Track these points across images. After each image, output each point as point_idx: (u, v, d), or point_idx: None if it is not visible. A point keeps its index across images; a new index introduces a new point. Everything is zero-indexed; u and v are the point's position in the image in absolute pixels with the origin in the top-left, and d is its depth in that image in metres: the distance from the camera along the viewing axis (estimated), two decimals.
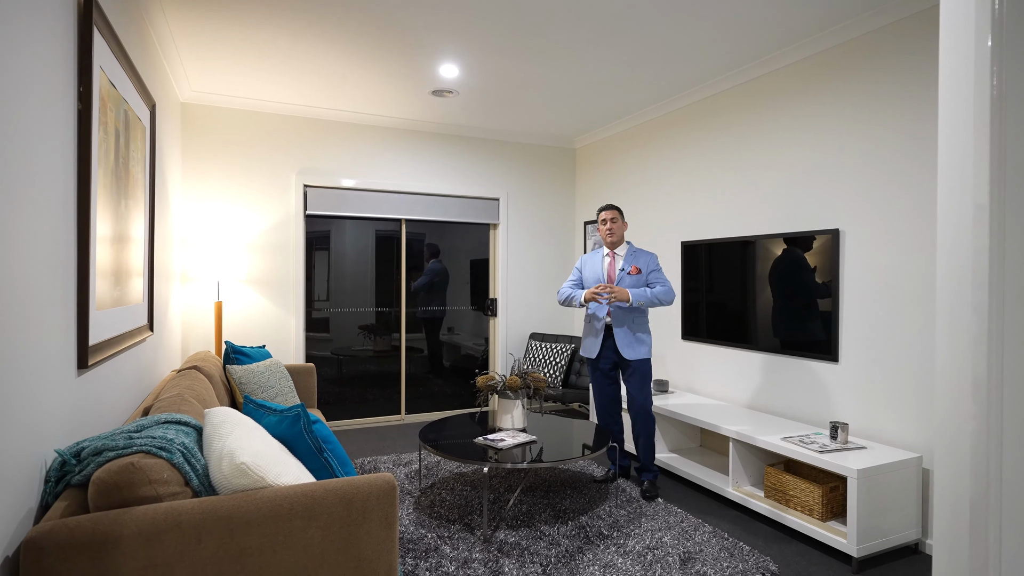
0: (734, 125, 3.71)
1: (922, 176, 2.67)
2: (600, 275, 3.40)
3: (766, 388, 3.46)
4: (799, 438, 2.84)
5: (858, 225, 2.94)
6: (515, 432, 3.11)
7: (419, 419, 5.01)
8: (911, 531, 2.58)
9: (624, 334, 3.28)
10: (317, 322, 4.71)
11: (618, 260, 3.39)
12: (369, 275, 4.88)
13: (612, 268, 3.39)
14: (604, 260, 3.43)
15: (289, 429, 1.82)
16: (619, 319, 3.29)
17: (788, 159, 3.33)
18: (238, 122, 4.26)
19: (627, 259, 3.37)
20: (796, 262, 3.24)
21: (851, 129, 2.98)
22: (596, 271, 3.43)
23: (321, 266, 4.72)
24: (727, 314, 3.73)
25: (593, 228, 5.23)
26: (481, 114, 4.58)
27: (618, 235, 3.38)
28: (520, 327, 5.29)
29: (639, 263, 3.33)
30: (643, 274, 3.31)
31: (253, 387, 3.05)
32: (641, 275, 3.31)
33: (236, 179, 4.26)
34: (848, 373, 2.98)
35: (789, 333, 3.30)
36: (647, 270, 3.32)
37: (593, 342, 3.39)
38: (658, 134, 4.39)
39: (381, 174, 4.72)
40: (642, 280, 3.31)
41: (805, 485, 2.70)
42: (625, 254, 3.39)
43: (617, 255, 3.41)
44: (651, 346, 3.36)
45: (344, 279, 4.80)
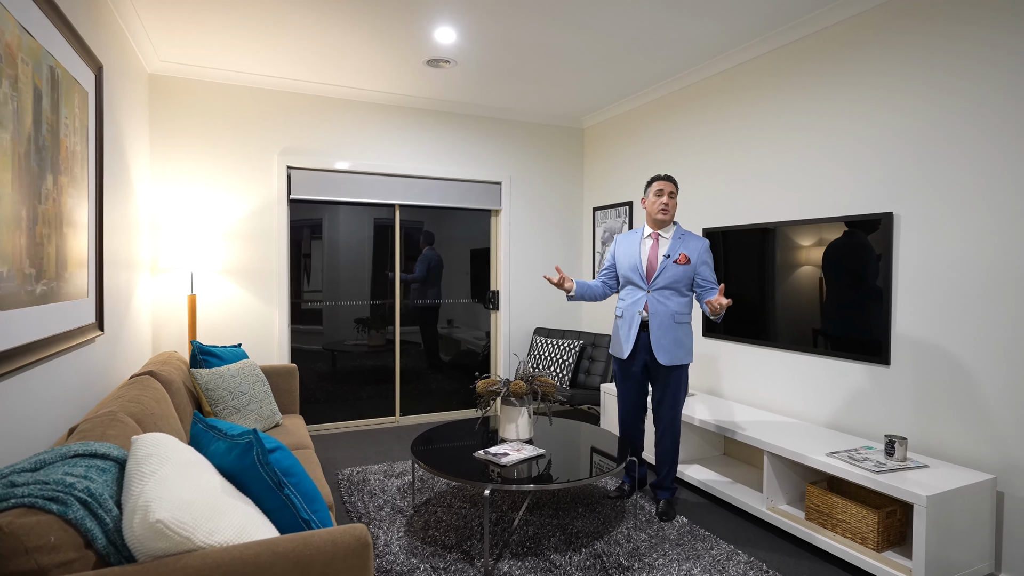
0: (763, 98, 3.30)
1: (992, 150, 2.27)
2: (638, 261, 2.85)
3: (801, 393, 3.08)
4: (848, 454, 2.46)
5: (915, 209, 2.55)
6: (520, 444, 2.74)
7: (415, 421, 4.65)
8: (984, 564, 2.21)
9: (662, 334, 2.76)
10: (308, 314, 4.34)
11: (662, 244, 2.83)
12: (365, 265, 4.50)
13: (654, 253, 2.83)
14: (645, 243, 2.88)
15: (239, 460, 1.44)
16: (658, 316, 2.77)
17: (828, 134, 2.93)
18: (212, 97, 3.86)
19: (674, 244, 2.80)
20: (844, 250, 2.85)
21: (905, 97, 2.58)
22: (633, 256, 2.87)
23: (315, 256, 4.34)
24: (755, 309, 3.34)
25: (602, 215, 4.84)
26: (481, 88, 4.17)
27: (672, 213, 2.82)
28: (524, 321, 4.91)
29: (688, 251, 2.78)
30: (692, 265, 2.77)
31: (222, 393, 2.68)
32: (690, 266, 2.77)
33: (212, 160, 3.86)
34: (901, 378, 2.60)
35: (830, 331, 2.91)
36: (697, 261, 2.77)
37: (626, 340, 2.89)
38: (675, 111, 3.98)
39: (373, 155, 4.32)
40: (690, 272, 2.78)
41: (856, 509, 2.33)
42: (672, 237, 2.83)
43: (663, 237, 2.85)
44: (692, 350, 2.83)
45: (338, 269, 4.42)
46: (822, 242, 2.94)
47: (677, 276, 2.78)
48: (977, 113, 2.33)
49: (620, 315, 2.95)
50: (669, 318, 2.77)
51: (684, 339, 2.80)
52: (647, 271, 2.84)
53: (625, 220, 4.55)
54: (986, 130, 2.30)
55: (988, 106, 2.29)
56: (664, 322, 2.77)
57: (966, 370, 2.37)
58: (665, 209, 2.80)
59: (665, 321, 2.77)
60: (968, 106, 2.36)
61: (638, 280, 2.86)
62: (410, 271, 4.65)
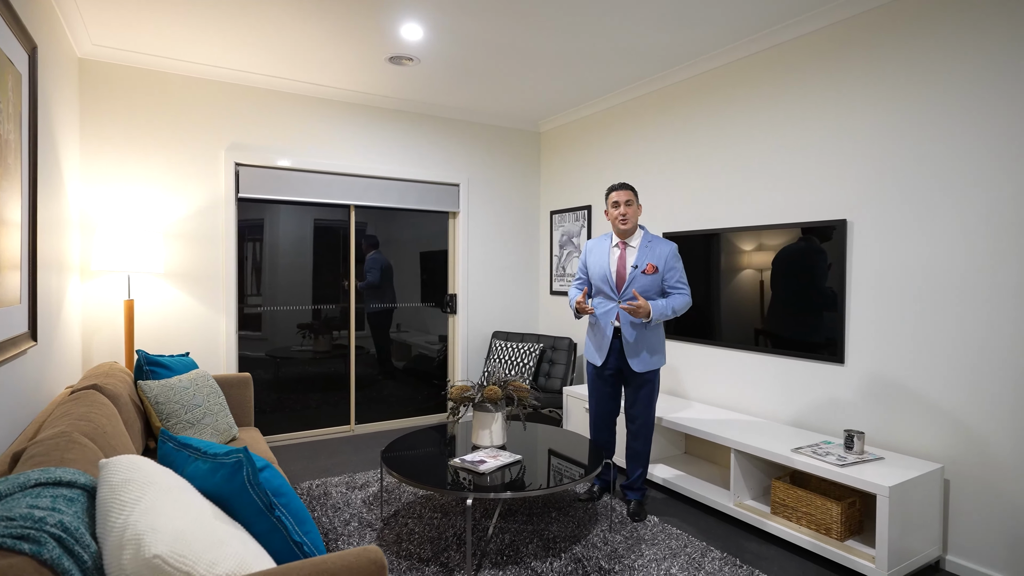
0: (722, 107, 3.43)
1: (943, 162, 2.45)
2: (607, 272, 2.84)
3: (761, 392, 3.21)
4: (811, 449, 2.58)
5: (868, 216, 2.72)
6: (495, 450, 2.70)
7: (371, 430, 4.50)
8: (933, 548, 2.37)
9: (635, 343, 2.78)
10: (248, 319, 4.10)
11: (630, 253, 2.83)
12: (306, 268, 4.30)
13: (623, 263, 2.83)
14: (613, 252, 2.88)
15: (227, 482, 1.32)
16: (629, 325, 2.80)
17: (786, 144, 3.08)
18: (152, 86, 3.58)
19: (641, 252, 2.80)
20: (800, 254, 2.99)
21: (858, 111, 2.74)
22: (602, 266, 2.86)
23: (255, 257, 4.10)
24: (717, 312, 3.46)
25: (560, 218, 4.87)
26: (442, 88, 4.09)
27: (632, 222, 2.81)
28: (482, 325, 4.86)
29: (655, 258, 2.78)
30: (660, 272, 2.78)
31: (174, 407, 2.48)
32: (658, 275, 2.78)
33: (151, 154, 3.58)
34: (856, 376, 2.76)
35: (788, 332, 3.05)
36: (664, 268, 2.78)
37: (599, 348, 2.90)
38: (633, 118, 4.06)
39: (328, 154, 4.15)
40: (658, 280, 2.78)
41: (820, 502, 2.45)
42: (639, 245, 2.83)
43: (629, 246, 2.85)
44: (665, 354, 2.92)
45: (279, 273, 4.19)
46: (781, 247, 3.08)
47: (646, 286, 2.79)
48: (927, 126, 2.51)
49: (593, 323, 2.96)
50: (641, 327, 2.79)
51: (657, 345, 2.83)
52: (616, 282, 2.84)
53: (583, 224, 4.60)
54: (935, 143, 2.48)
55: (937, 121, 2.47)
56: (636, 331, 2.79)
57: (915, 367, 2.54)
58: (624, 219, 2.81)
59: (637, 330, 2.79)
60: (918, 119, 2.53)
61: (608, 291, 2.87)
62: (360, 276, 4.49)
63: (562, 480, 2.38)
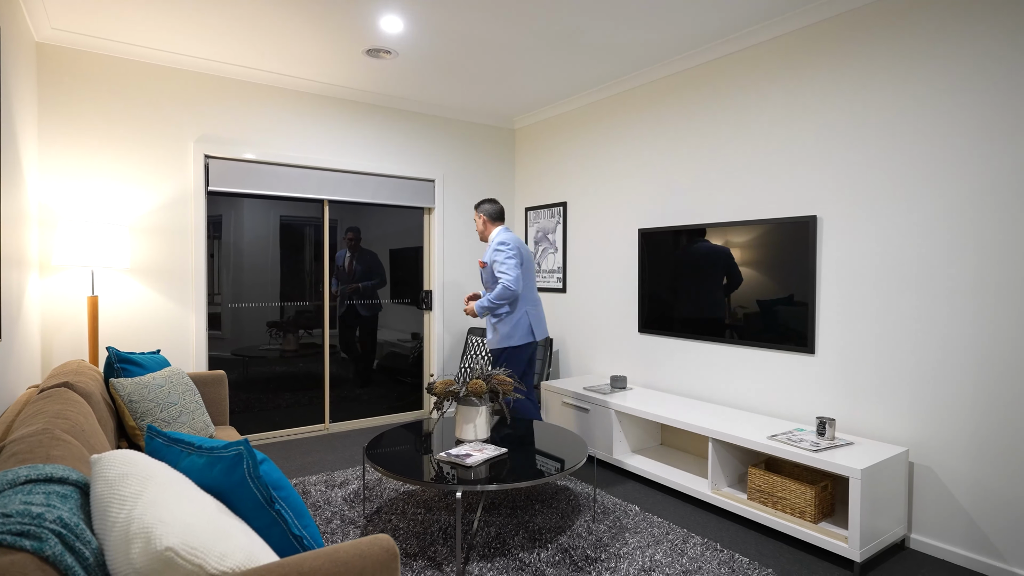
0: (696, 107, 3.52)
1: (906, 160, 2.58)
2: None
3: (734, 382, 3.31)
4: (785, 436, 2.68)
5: (836, 211, 2.83)
6: (480, 444, 2.70)
7: (346, 428, 4.43)
8: (899, 528, 2.50)
9: (487, 325, 3.44)
10: (211, 318, 3.98)
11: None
12: (273, 265, 4.20)
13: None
14: None
15: (226, 476, 1.30)
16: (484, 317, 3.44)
17: (759, 143, 3.18)
18: (118, 75, 3.43)
19: (486, 252, 3.41)
20: (772, 249, 3.10)
21: (830, 110, 2.86)
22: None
23: (218, 254, 3.99)
24: (690, 305, 3.55)
25: (535, 215, 4.90)
26: (419, 83, 4.06)
27: (480, 230, 3.49)
28: (458, 322, 4.85)
29: (487, 256, 3.35)
30: (490, 268, 3.32)
31: (149, 406, 2.40)
32: (488, 268, 3.33)
33: (116, 146, 3.44)
34: (825, 365, 2.88)
35: (761, 324, 3.16)
36: (489, 261, 3.33)
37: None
38: (608, 116, 4.13)
39: (301, 147, 4.06)
40: (491, 272, 3.34)
41: (795, 486, 2.55)
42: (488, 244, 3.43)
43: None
44: (512, 336, 3.31)
45: (245, 269, 4.09)
46: (752, 242, 3.18)
47: (486, 278, 3.42)
48: (892, 123, 2.63)
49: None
50: (491, 318, 3.37)
51: (501, 327, 3.34)
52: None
53: (559, 220, 4.64)
54: (900, 138, 2.61)
55: (902, 117, 2.60)
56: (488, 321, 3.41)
57: (880, 356, 2.67)
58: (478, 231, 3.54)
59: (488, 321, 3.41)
60: (883, 116, 2.66)
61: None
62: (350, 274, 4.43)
63: (549, 472, 2.41)
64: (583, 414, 3.63)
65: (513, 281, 3.18)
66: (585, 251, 4.40)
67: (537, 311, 3.42)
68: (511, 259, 3.22)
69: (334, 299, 4.43)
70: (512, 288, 3.18)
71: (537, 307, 3.43)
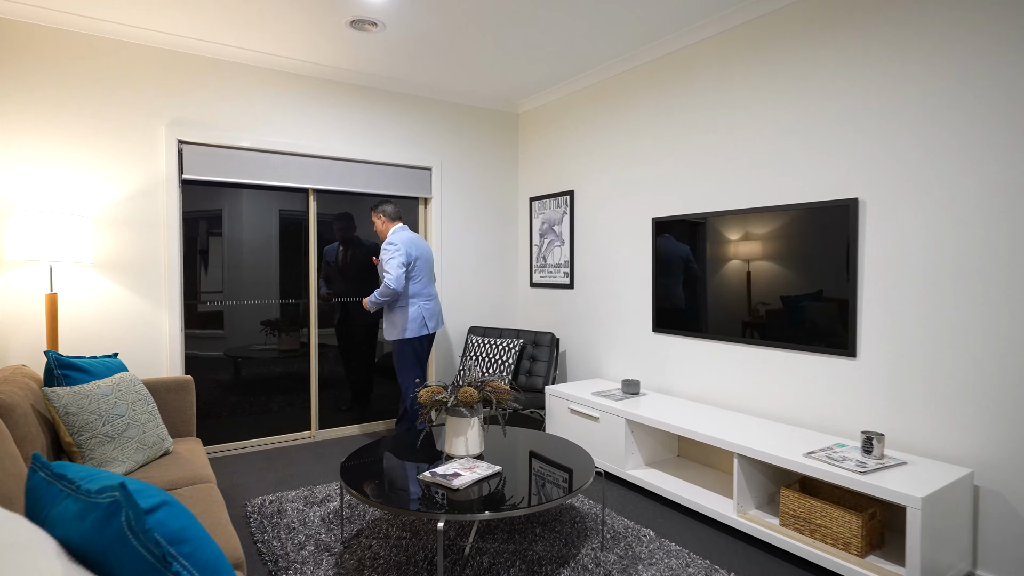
0: (713, 81, 3.14)
1: (969, 134, 2.19)
2: None
3: (761, 388, 2.94)
4: (824, 453, 2.32)
5: (883, 193, 2.45)
6: (471, 461, 2.37)
7: (335, 435, 4.12)
8: (963, 563, 2.12)
9: (384, 318, 3.66)
10: (207, 317, 3.70)
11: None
12: (272, 260, 3.91)
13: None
14: None
15: (99, 531, 0.97)
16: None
17: (789, 118, 2.80)
18: (81, 53, 3.14)
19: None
20: (805, 239, 2.72)
21: (871, 78, 2.48)
22: None
23: (213, 250, 3.70)
24: (710, 302, 3.18)
25: (540, 205, 4.56)
26: (410, 61, 3.73)
27: (380, 235, 3.68)
28: (457, 320, 4.52)
29: (380, 255, 3.55)
30: (381, 264, 3.52)
31: (89, 418, 2.09)
32: (381, 265, 3.53)
33: (79, 131, 3.15)
34: (869, 371, 2.50)
35: (786, 323, 2.79)
36: (381, 260, 3.53)
37: None
38: (617, 96, 3.76)
39: (285, 132, 3.75)
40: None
41: (838, 513, 2.18)
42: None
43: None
44: (405, 329, 3.56)
45: (241, 266, 3.80)
46: (775, 233, 2.81)
47: (380, 274, 3.57)
48: (952, 96, 2.25)
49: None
50: (387, 309, 3.63)
51: (395, 319, 3.58)
52: None
53: (566, 210, 4.29)
54: (960, 111, 2.22)
55: (963, 90, 2.22)
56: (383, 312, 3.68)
57: (936, 360, 2.29)
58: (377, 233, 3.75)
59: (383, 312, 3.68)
60: (941, 89, 2.27)
61: None
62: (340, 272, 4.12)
63: (550, 495, 2.07)
64: (591, 423, 3.28)
65: (393, 280, 3.42)
66: (594, 243, 4.05)
67: (432, 305, 3.65)
68: (394, 259, 3.45)
69: (328, 298, 4.13)
70: (391, 287, 3.41)
71: (432, 300, 3.66)
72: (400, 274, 3.42)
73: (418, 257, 3.57)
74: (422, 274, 3.60)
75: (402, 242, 3.49)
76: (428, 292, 3.64)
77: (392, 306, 3.57)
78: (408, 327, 3.54)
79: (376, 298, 3.50)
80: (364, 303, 3.58)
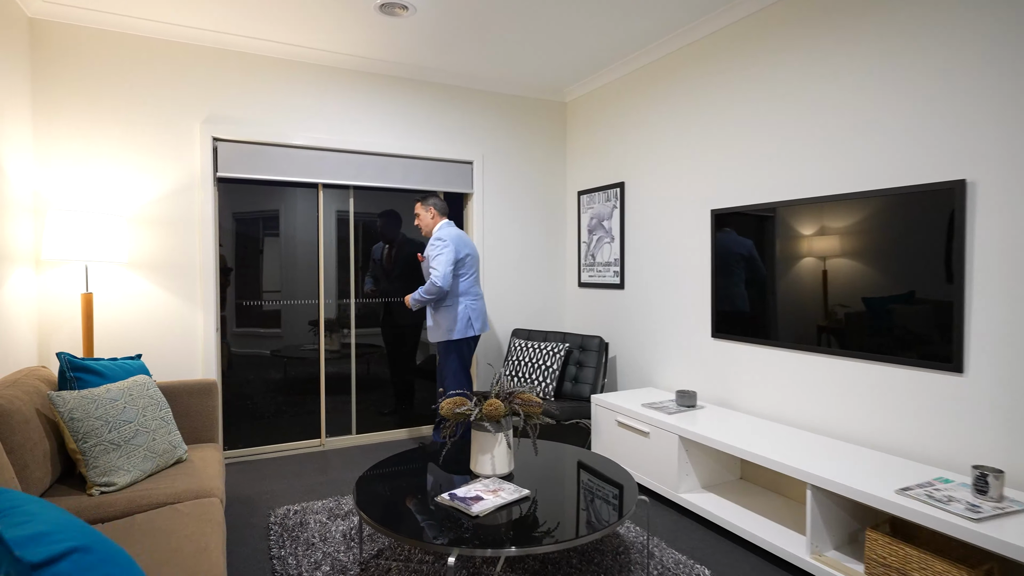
0: (787, 50, 2.74)
1: None
2: None
3: (841, 406, 2.52)
4: (923, 490, 1.90)
5: (999, 175, 2.00)
6: (496, 482, 2.11)
7: (374, 440, 3.99)
8: None
9: (428, 319, 3.47)
10: (267, 316, 3.70)
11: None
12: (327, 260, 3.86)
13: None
14: None
15: None
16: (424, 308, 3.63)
17: (875, 89, 2.37)
18: (117, 52, 3.13)
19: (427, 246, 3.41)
20: (900, 229, 2.29)
21: (988, 34, 2.03)
22: None
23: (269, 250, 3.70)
24: (779, 303, 2.78)
25: (588, 200, 4.24)
26: (445, 48, 3.52)
27: (424, 228, 3.49)
28: (500, 322, 4.29)
29: (425, 250, 3.39)
30: (428, 261, 3.34)
31: (95, 424, 1.99)
32: (427, 261, 3.35)
33: (116, 130, 3.14)
34: (979, 389, 2.05)
35: (870, 329, 2.36)
36: (427, 255, 3.36)
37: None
38: (673, 75, 3.40)
39: (318, 127, 3.64)
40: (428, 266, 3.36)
41: (942, 566, 1.77)
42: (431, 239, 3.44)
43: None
44: (451, 330, 3.37)
45: (296, 266, 3.80)
46: (864, 222, 2.38)
47: (424, 271, 3.42)
48: None
49: None
50: (431, 308, 3.44)
51: (440, 320, 3.39)
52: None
53: (616, 204, 3.96)
54: None
55: None
56: (428, 307, 3.46)
57: None
58: (418, 227, 3.53)
59: (429, 307, 3.45)
60: None
61: None
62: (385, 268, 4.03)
63: (584, 527, 1.78)
64: (640, 438, 2.95)
65: (441, 278, 3.24)
66: (646, 239, 3.70)
67: (478, 305, 3.45)
68: (442, 255, 3.27)
69: (372, 295, 4.01)
70: (438, 284, 3.24)
71: (479, 300, 3.46)
72: (448, 272, 3.26)
73: (468, 254, 3.42)
74: (470, 272, 3.44)
75: (451, 238, 3.33)
76: (475, 291, 3.47)
77: (437, 305, 3.40)
78: (455, 328, 3.37)
79: (421, 296, 3.32)
80: (407, 300, 3.41)
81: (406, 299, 3.42)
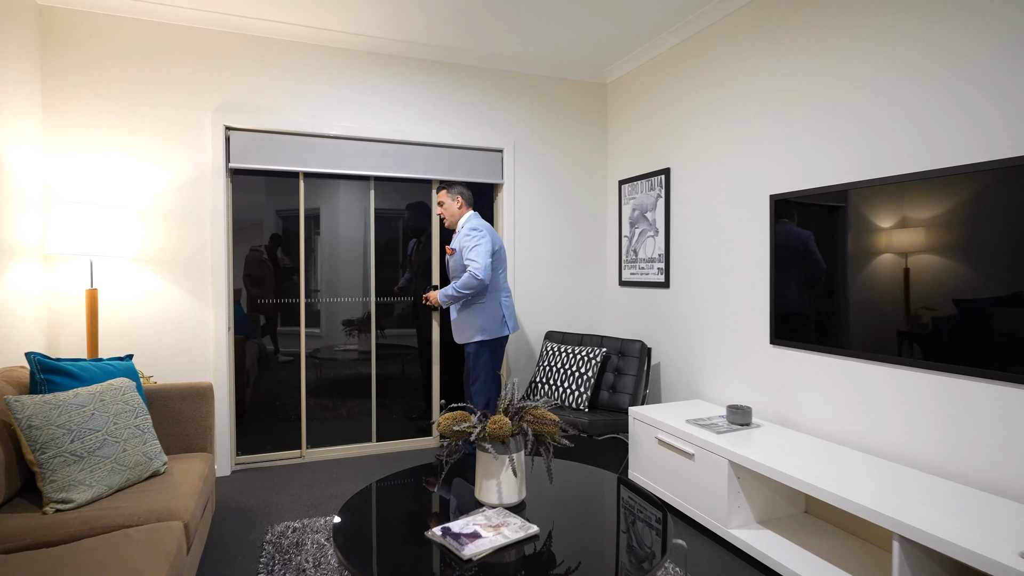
0: (861, 9, 2.27)
1: None
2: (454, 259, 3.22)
3: (931, 430, 2.04)
4: None
5: None
6: (502, 514, 1.78)
7: (395, 448, 3.73)
8: None
9: (454, 317, 3.19)
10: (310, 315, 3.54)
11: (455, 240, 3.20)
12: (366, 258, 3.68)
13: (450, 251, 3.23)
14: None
15: None
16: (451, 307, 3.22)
17: (966, 50, 1.88)
18: (127, 36, 3.01)
19: (455, 239, 3.17)
20: (983, 217, 1.80)
21: None
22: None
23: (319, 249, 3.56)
24: (852, 306, 2.30)
25: (631, 189, 3.84)
26: (472, 26, 3.22)
27: (448, 218, 3.21)
28: (533, 323, 3.95)
29: (455, 242, 3.14)
30: (459, 253, 3.08)
31: (55, 432, 1.79)
32: (458, 255, 3.10)
33: (122, 119, 3.02)
34: None
35: (965, 336, 1.86)
36: (459, 247, 3.09)
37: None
38: (723, 46, 2.96)
39: (337, 114, 3.42)
40: (460, 260, 3.09)
41: None
42: (458, 230, 3.18)
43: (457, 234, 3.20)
44: (484, 330, 3.08)
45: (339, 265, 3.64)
46: (955, 210, 1.89)
47: (453, 266, 3.17)
48: None
49: None
50: (458, 308, 3.15)
51: (472, 320, 3.09)
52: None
53: (660, 193, 3.54)
54: None
55: None
56: (455, 311, 3.18)
57: None
58: (441, 217, 3.24)
59: (456, 310, 3.17)
60: None
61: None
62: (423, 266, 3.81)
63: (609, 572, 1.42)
64: (684, 460, 2.54)
65: (482, 270, 2.97)
66: (695, 231, 3.26)
67: (510, 302, 3.22)
68: (479, 246, 3.01)
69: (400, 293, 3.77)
70: (480, 277, 2.97)
71: (510, 297, 3.23)
72: (488, 263, 3.00)
73: (502, 247, 3.20)
74: (503, 266, 3.21)
75: (485, 228, 3.10)
76: (507, 287, 3.25)
77: (468, 303, 3.13)
78: (487, 327, 3.10)
79: (457, 291, 3.03)
80: (431, 297, 3.16)
81: (430, 295, 3.19)
